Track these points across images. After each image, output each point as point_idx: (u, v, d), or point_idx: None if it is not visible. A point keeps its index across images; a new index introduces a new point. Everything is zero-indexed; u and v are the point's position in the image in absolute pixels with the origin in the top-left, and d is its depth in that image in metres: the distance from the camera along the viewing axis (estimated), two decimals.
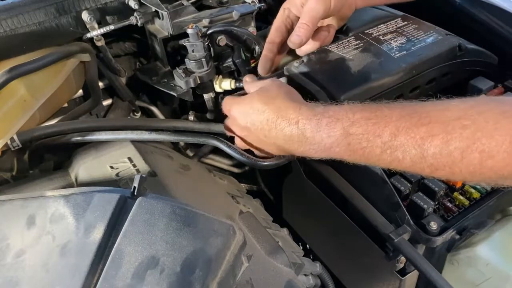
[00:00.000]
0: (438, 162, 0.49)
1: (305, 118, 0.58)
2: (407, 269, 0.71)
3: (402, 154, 0.51)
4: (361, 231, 0.75)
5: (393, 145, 0.51)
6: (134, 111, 0.99)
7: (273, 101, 0.62)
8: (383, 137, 0.52)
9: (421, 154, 0.49)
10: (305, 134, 0.58)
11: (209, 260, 0.46)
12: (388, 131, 0.51)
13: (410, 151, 0.50)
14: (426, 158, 0.49)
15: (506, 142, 0.45)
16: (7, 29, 0.74)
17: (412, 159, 0.50)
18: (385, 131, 0.52)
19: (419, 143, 0.49)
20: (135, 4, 0.82)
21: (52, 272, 0.47)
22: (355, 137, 0.54)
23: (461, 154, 0.47)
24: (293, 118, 0.59)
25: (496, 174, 0.47)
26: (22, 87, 0.70)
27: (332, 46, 0.81)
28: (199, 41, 0.75)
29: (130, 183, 0.63)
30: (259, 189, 1.04)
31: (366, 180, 0.70)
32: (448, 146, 0.48)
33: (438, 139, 0.48)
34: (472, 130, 0.47)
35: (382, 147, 0.52)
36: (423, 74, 0.76)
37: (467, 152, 0.47)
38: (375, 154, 0.53)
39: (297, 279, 0.68)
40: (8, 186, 0.69)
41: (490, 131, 0.46)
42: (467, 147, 0.47)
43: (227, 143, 0.73)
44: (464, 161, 0.47)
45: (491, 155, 0.46)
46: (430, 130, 0.49)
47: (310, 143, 0.58)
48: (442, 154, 0.48)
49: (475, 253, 0.71)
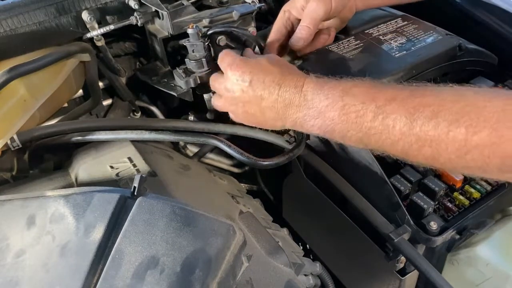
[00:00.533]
0: (425, 135, 0.49)
1: (310, 82, 0.60)
2: (407, 269, 0.71)
3: (393, 122, 0.51)
4: (361, 231, 0.75)
5: (386, 110, 0.52)
6: (134, 111, 0.99)
7: (282, 65, 0.65)
8: (378, 101, 0.53)
9: (410, 123, 0.50)
10: (306, 96, 0.60)
11: (209, 260, 0.46)
12: (383, 97, 0.53)
13: (401, 119, 0.51)
14: (415, 128, 0.50)
15: (493, 119, 0.45)
16: (7, 29, 0.74)
17: (401, 129, 0.51)
18: (381, 96, 0.53)
19: (411, 112, 0.50)
20: (135, 4, 0.82)
21: (52, 272, 0.47)
22: (351, 99, 0.55)
23: (447, 127, 0.48)
24: (300, 80, 0.61)
25: (481, 154, 0.46)
26: (22, 87, 0.70)
27: (332, 46, 0.81)
28: (199, 41, 0.74)
29: (130, 183, 0.63)
30: (259, 189, 1.04)
31: (366, 180, 0.70)
32: (437, 118, 0.48)
33: (429, 110, 0.49)
34: (462, 104, 0.48)
35: (376, 112, 0.53)
36: (423, 74, 0.76)
37: (454, 126, 0.47)
38: (368, 119, 0.54)
39: (297, 279, 0.68)
40: (8, 186, 0.69)
41: (480, 108, 0.47)
42: (455, 120, 0.47)
43: (227, 143, 0.73)
44: (450, 134, 0.47)
45: (477, 130, 0.46)
46: (423, 101, 0.50)
47: (308, 106, 0.59)
48: (429, 125, 0.49)
49: (475, 253, 0.71)
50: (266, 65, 0.64)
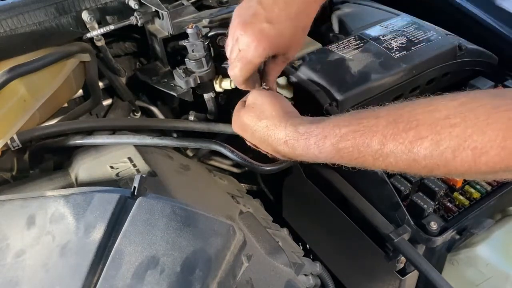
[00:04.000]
0: (432, 164, 0.48)
1: (292, 139, 0.57)
2: (407, 269, 0.71)
3: (394, 160, 0.50)
4: (361, 231, 0.75)
5: (384, 153, 0.51)
6: (134, 111, 0.99)
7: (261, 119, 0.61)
8: (372, 146, 0.51)
9: (412, 158, 0.49)
10: (296, 152, 0.58)
11: (209, 260, 0.46)
12: (376, 141, 0.51)
13: (401, 157, 0.49)
14: (419, 161, 0.49)
15: (499, 137, 0.44)
16: (7, 29, 0.74)
17: (405, 164, 0.50)
18: (373, 141, 0.51)
19: (409, 148, 0.49)
20: (135, 4, 0.82)
21: (52, 272, 0.47)
22: (346, 151, 0.53)
23: (452, 153, 0.46)
24: (282, 138, 0.58)
25: (493, 169, 0.46)
26: (22, 87, 0.70)
27: (332, 46, 0.81)
28: (199, 41, 0.74)
29: (130, 183, 0.63)
30: (259, 189, 1.04)
31: (366, 180, 0.70)
32: (439, 147, 0.47)
33: (427, 141, 0.48)
34: (462, 127, 0.46)
35: (374, 156, 0.51)
36: (423, 74, 0.76)
37: (459, 151, 0.46)
38: (369, 162, 0.53)
39: (297, 279, 0.68)
40: (8, 186, 0.69)
41: (481, 127, 0.45)
42: (458, 145, 0.46)
43: (229, 148, 0.73)
44: (457, 159, 0.46)
45: (485, 151, 0.45)
46: (418, 133, 0.48)
47: (305, 157, 0.58)
48: (433, 156, 0.47)
49: (475, 253, 0.71)
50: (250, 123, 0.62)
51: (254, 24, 0.61)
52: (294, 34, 0.63)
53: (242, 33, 0.61)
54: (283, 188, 0.96)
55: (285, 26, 0.62)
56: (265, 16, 0.61)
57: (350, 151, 0.53)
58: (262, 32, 0.60)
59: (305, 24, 0.65)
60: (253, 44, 0.60)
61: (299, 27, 0.64)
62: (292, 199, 0.97)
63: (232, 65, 0.64)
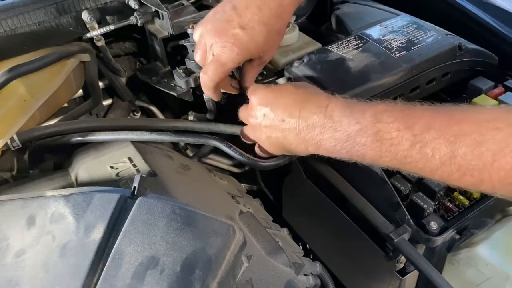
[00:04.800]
0: (468, 164, 0.46)
1: (337, 102, 0.56)
2: (407, 269, 0.71)
3: (431, 151, 0.48)
4: (361, 231, 0.75)
5: (424, 139, 0.48)
6: (134, 111, 0.99)
7: (307, 87, 0.62)
8: (414, 129, 0.49)
9: (451, 152, 0.47)
10: (332, 118, 0.55)
11: (209, 260, 0.46)
12: (420, 124, 0.49)
13: (441, 148, 0.47)
14: (456, 158, 0.47)
15: None
16: (7, 29, 0.74)
17: (442, 158, 0.48)
18: (417, 124, 0.49)
19: (451, 140, 0.47)
20: (135, 4, 0.82)
21: (52, 272, 0.47)
22: (385, 126, 0.51)
23: (492, 156, 0.45)
24: (324, 101, 0.57)
25: None
26: (22, 87, 0.70)
27: (332, 46, 0.81)
28: None
29: (130, 183, 0.63)
30: (259, 189, 1.04)
31: (366, 180, 0.70)
32: (480, 147, 0.45)
33: (470, 139, 0.46)
34: (506, 133, 0.45)
35: (412, 140, 0.49)
36: (423, 74, 0.76)
37: (499, 155, 0.44)
38: (404, 147, 0.50)
39: (297, 279, 0.68)
40: (8, 186, 0.69)
41: None
42: (499, 150, 0.44)
43: (228, 144, 0.72)
44: (495, 164, 0.45)
45: None
46: (463, 129, 0.47)
47: (335, 128, 0.55)
48: (473, 155, 0.46)
49: (475, 253, 0.71)
50: (289, 88, 0.61)
51: (227, 30, 0.62)
52: (268, 38, 0.63)
53: (216, 39, 0.62)
54: (283, 188, 0.95)
55: (258, 31, 0.62)
56: (238, 21, 0.62)
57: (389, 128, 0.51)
58: (235, 37, 0.61)
59: (279, 27, 0.65)
60: (226, 49, 0.61)
61: (273, 31, 0.64)
62: (292, 199, 0.97)
63: (204, 69, 0.64)
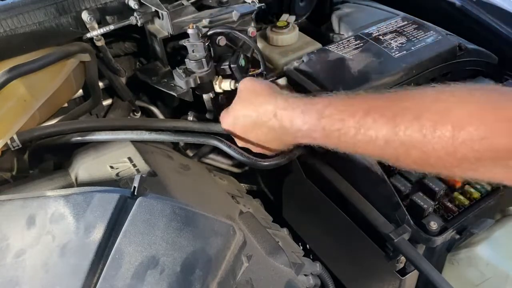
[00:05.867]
0: (410, 139, 0.48)
1: (281, 109, 0.60)
2: (407, 269, 0.71)
3: (375, 133, 0.50)
4: (361, 231, 0.75)
5: (366, 123, 0.51)
6: (134, 111, 0.99)
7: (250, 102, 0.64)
8: (356, 116, 0.52)
9: (393, 130, 0.49)
10: (284, 125, 0.59)
11: (209, 260, 0.46)
12: (361, 111, 0.52)
13: (382, 128, 0.50)
14: (398, 133, 0.48)
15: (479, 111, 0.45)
16: (7, 29, 0.74)
17: (385, 137, 0.50)
18: (358, 111, 0.52)
19: (391, 119, 0.49)
20: (135, 4, 0.82)
21: (52, 272, 0.47)
22: (329, 120, 0.54)
23: (433, 126, 0.46)
24: (271, 111, 0.61)
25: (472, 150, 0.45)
26: (22, 87, 0.70)
27: (332, 46, 0.81)
28: (199, 41, 0.74)
29: (130, 183, 0.63)
30: (259, 189, 1.04)
31: (366, 180, 0.70)
32: (420, 119, 0.47)
33: (410, 113, 0.48)
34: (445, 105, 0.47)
35: (356, 127, 0.52)
36: (423, 74, 0.76)
37: (440, 124, 0.46)
38: (350, 135, 0.53)
39: (297, 279, 0.68)
40: (8, 186, 0.69)
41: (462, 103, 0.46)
42: (439, 118, 0.46)
43: (227, 143, 0.72)
44: (437, 134, 0.46)
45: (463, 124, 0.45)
46: (402, 106, 0.49)
47: (291, 132, 0.59)
48: (414, 129, 0.47)
49: (475, 253, 0.71)
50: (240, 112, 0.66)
51: None
52: None
53: None
54: (283, 188, 0.95)
55: None
56: None
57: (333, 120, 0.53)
58: None
59: None
60: None
61: None
62: (292, 199, 0.97)
63: None
